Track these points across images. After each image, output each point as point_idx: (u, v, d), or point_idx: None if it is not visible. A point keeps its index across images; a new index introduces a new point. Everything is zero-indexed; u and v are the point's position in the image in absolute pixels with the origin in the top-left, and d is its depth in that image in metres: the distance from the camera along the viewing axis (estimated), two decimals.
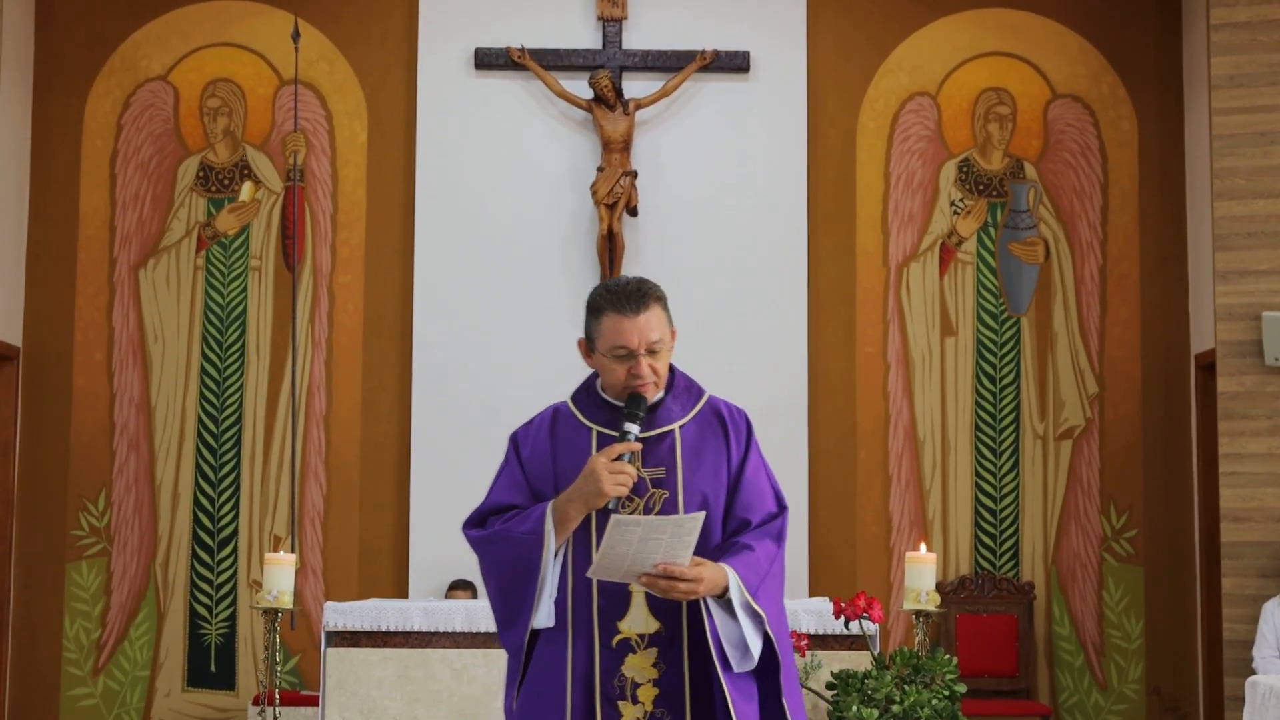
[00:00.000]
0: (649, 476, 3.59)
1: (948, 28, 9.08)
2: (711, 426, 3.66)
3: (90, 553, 8.77)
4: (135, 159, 8.95)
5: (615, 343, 3.56)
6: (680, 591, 3.44)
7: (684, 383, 3.71)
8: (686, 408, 3.67)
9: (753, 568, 3.53)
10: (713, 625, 3.50)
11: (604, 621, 3.54)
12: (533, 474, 3.65)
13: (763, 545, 3.58)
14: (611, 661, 3.53)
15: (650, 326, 3.56)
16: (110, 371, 8.84)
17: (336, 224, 8.92)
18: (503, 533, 3.58)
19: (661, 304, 3.60)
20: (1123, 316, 8.95)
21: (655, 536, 3.36)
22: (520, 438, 3.72)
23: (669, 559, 3.40)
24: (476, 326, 8.70)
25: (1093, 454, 8.89)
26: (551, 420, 3.70)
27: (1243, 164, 7.98)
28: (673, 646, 3.53)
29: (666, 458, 3.60)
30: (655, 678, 3.52)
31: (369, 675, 6.31)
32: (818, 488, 8.75)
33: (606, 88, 8.63)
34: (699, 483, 3.59)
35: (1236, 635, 7.78)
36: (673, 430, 3.63)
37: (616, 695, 3.51)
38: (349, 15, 9.00)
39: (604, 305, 3.59)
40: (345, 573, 8.73)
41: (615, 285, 3.61)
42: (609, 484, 3.47)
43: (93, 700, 8.71)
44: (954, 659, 5.89)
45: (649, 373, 3.57)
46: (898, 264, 8.98)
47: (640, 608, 3.55)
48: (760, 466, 3.68)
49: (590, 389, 3.71)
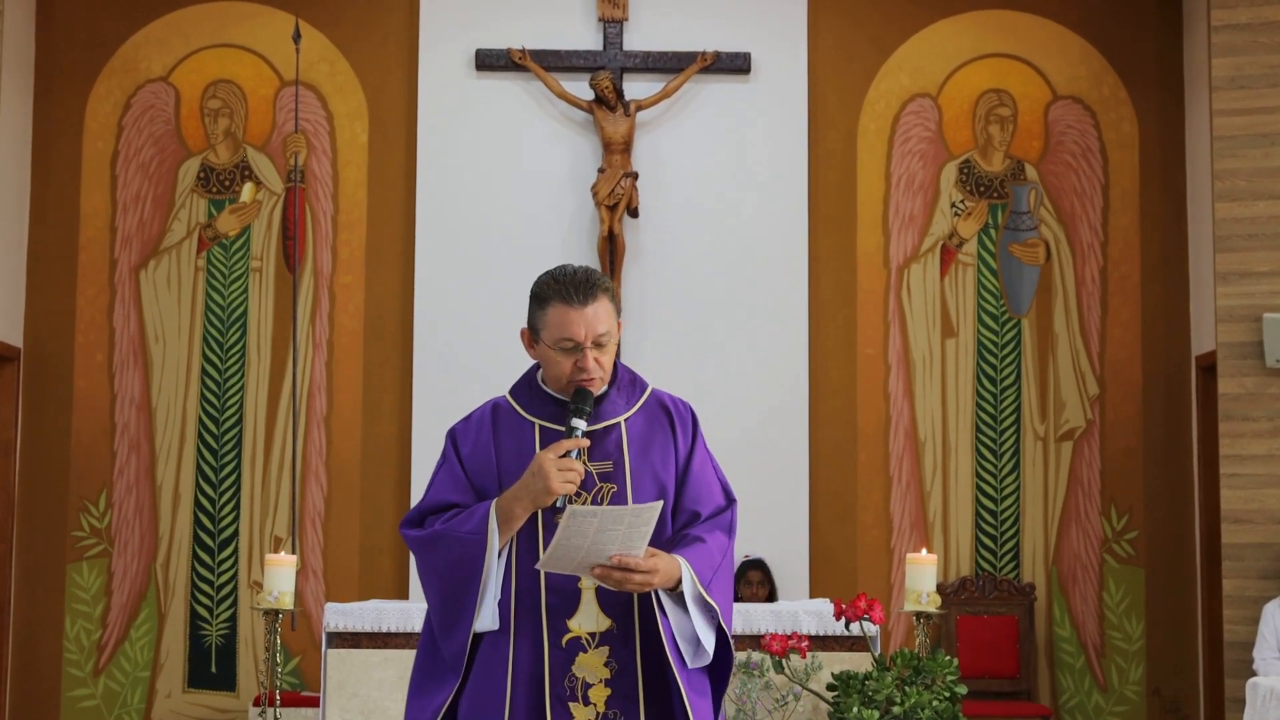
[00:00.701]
0: (596, 470, 3.47)
1: (948, 29, 9.08)
2: (658, 419, 3.55)
3: (91, 554, 8.77)
4: (136, 160, 8.95)
5: (562, 334, 3.43)
6: (635, 583, 3.32)
7: (627, 376, 3.59)
8: (631, 401, 3.55)
9: (705, 560, 3.44)
10: (665, 619, 3.40)
11: (552, 620, 3.41)
12: (474, 471, 3.51)
13: (714, 537, 3.48)
14: (561, 661, 3.40)
15: (598, 319, 3.43)
16: (111, 372, 8.84)
17: (337, 225, 8.92)
18: (444, 533, 3.43)
19: (609, 295, 3.47)
20: (1123, 318, 8.95)
21: (612, 528, 3.25)
22: (459, 434, 3.57)
23: (625, 550, 3.29)
24: (477, 327, 8.69)
25: (1093, 455, 8.89)
26: (492, 415, 3.56)
27: (1243, 165, 7.99)
28: (625, 644, 3.42)
29: (614, 451, 3.49)
30: (607, 677, 3.40)
31: (370, 676, 6.31)
32: (818, 489, 8.75)
33: (607, 89, 8.63)
34: (647, 475, 3.49)
35: (1237, 637, 7.78)
36: (618, 424, 3.52)
37: (567, 696, 3.39)
38: (350, 16, 9.00)
39: (550, 295, 3.45)
40: (346, 574, 8.73)
41: (562, 274, 3.47)
42: (557, 481, 3.34)
43: (93, 701, 8.71)
44: (955, 660, 5.89)
45: (595, 367, 3.44)
46: (898, 265, 8.98)
47: (590, 604, 3.43)
48: (707, 459, 3.59)
49: (531, 382, 3.59)
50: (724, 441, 6.71)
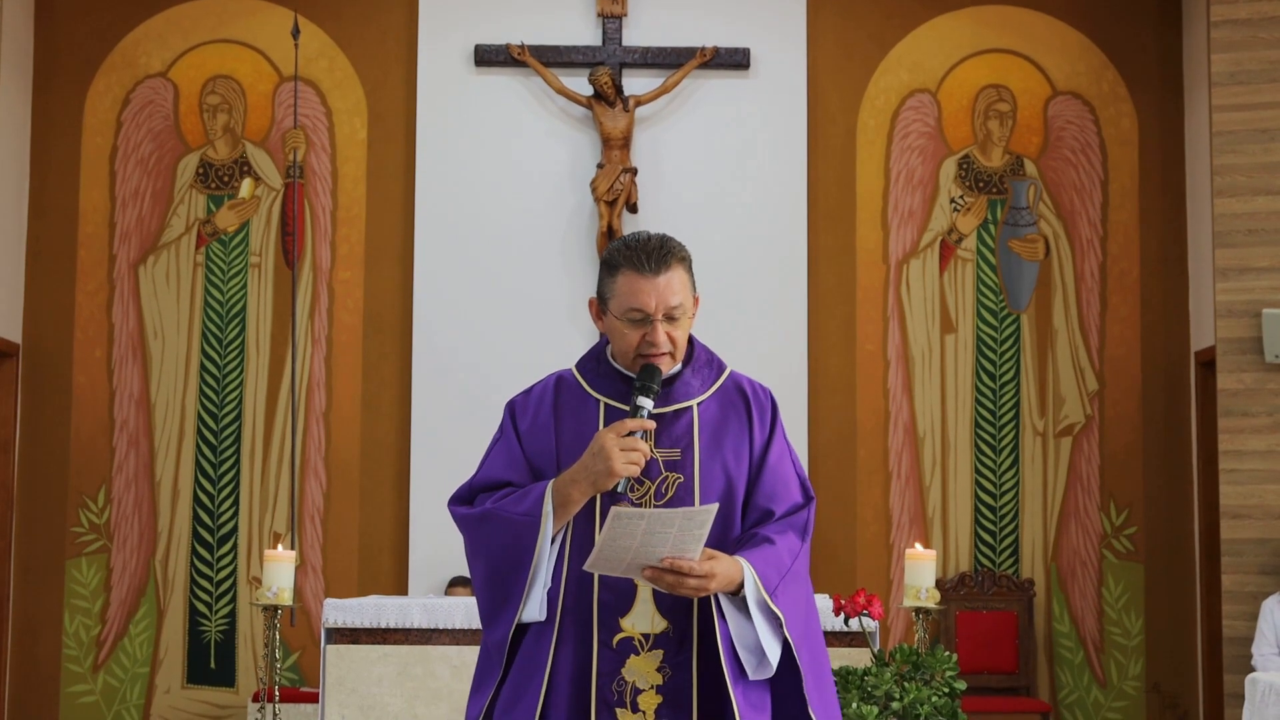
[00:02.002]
0: (662, 458, 3.20)
1: (948, 24, 9.07)
2: (734, 405, 3.28)
3: (90, 549, 8.77)
4: (135, 155, 8.95)
5: (630, 304, 3.18)
6: (689, 588, 3.05)
7: (704, 355, 3.34)
8: (707, 383, 3.29)
9: (773, 563, 3.16)
10: (724, 626, 3.13)
11: (605, 618, 3.15)
12: (531, 448, 3.25)
13: (785, 539, 3.20)
14: (611, 663, 3.14)
15: (671, 289, 3.19)
16: (110, 368, 8.84)
17: (336, 220, 8.92)
18: (495, 512, 3.18)
19: (685, 265, 3.24)
20: (1123, 314, 8.94)
21: (661, 530, 3.00)
22: (518, 407, 3.31)
23: (677, 553, 3.03)
24: (476, 323, 8.69)
25: (1092, 451, 8.89)
26: (554, 389, 3.30)
27: (1243, 161, 7.98)
28: (681, 649, 3.15)
29: (683, 438, 3.22)
30: (659, 684, 3.14)
31: (369, 672, 6.31)
32: (818, 484, 8.75)
33: (606, 84, 8.62)
34: (718, 467, 3.21)
35: (1236, 632, 7.79)
36: (690, 407, 3.25)
37: (615, 701, 3.13)
38: (349, 12, 9.00)
39: (621, 262, 3.20)
40: (345, 569, 8.73)
41: (636, 240, 3.22)
42: (619, 462, 3.07)
43: (92, 697, 8.71)
44: (954, 656, 5.89)
45: (665, 341, 3.20)
46: (897, 261, 8.97)
47: (646, 603, 3.17)
48: (786, 452, 3.31)
49: (599, 356, 3.32)
50: None
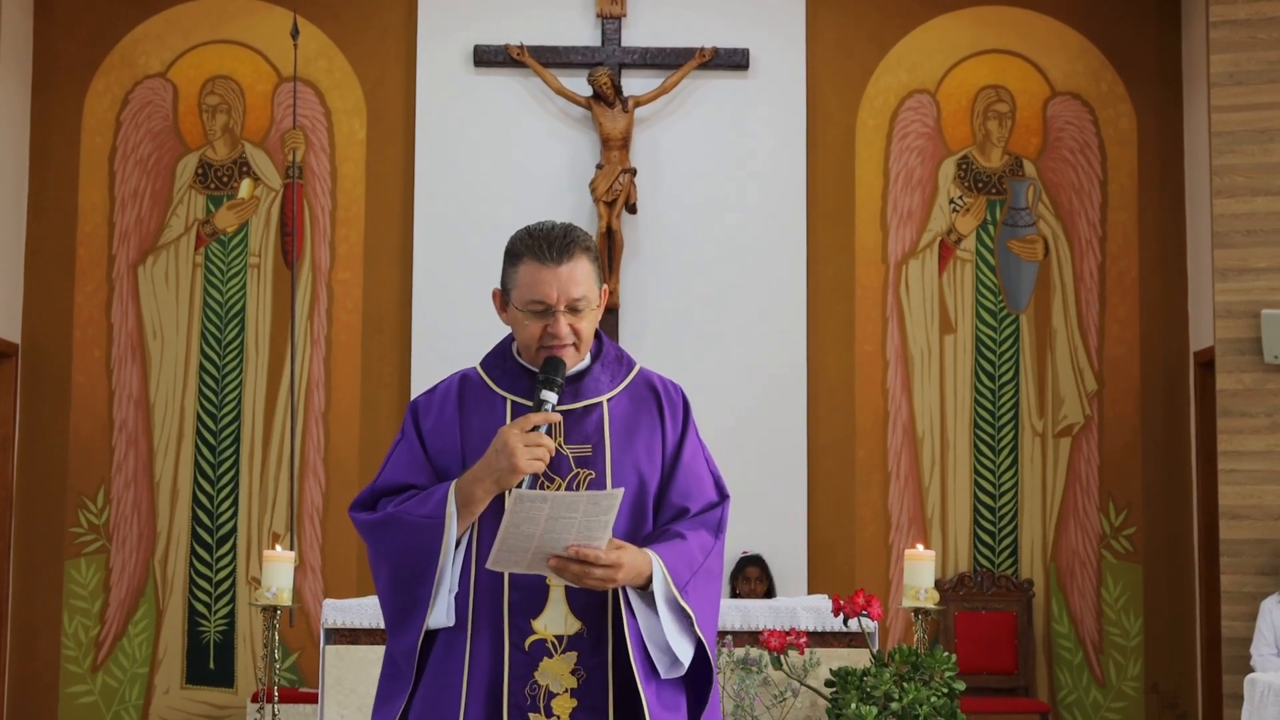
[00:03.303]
0: (573, 454, 3.12)
1: (947, 25, 9.07)
2: (644, 401, 3.22)
3: (89, 550, 8.77)
4: (134, 156, 8.95)
5: (531, 295, 3.10)
6: (595, 578, 2.96)
7: (614, 351, 3.28)
8: (617, 379, 3.22)
9: (683, 558, 3.08)
10: (633, 622, 3.05)
11: (515, 619, 3.05)
12: (435, 449, 3.16)
13: (697, 535, 3.13)
14: (523, 666, 3.04)
15: (573, 280, 3.09)
16: (109, 368, 8.84)
17: (335, 221, 8.92)
18: (397, 516, 3.08)
19: (590, 256, 3.14)
20: (1122, 314, 8.95)
21: (566, 515, 2.90)
22: (421, 407, 3.22)
23: (583, 541, 2.93)
24: (475, 323, 8.64)
25: (1092, 451, 8.89)
26: (459, 388, 3.22)
27: (1242, 161, 7.98)
28: (596, 651, 3.06)
29: (593, 434, 3.13)
30: (574, 686, 3.04)
31: (368, 673, 6.31)
32: (817, 485, 8.75)
33: (605, 85, 8.63)
34: (630, 463, 3.14)
35: (1235, 633, 7.79)
36: (601, 403, 3.18)
37: (528, 705, 3.03)
38: (348, 12, 9.00)
39: (523, 251, 3.13)
40: (344, 570, 8.73)
41: (539, 229, 3.15)
42: (524, 459, 2.98)
43: (91, 697, 8.71)
44: (953, 656, 5.89)
45: (568, 333, 3.10)
46: (897, 261, 8.98)
47: (559, 604, 3.07)
48: (699, 449, 3.24)
49: (504, 352, 3.24)
50: (722, 437, 6.72)
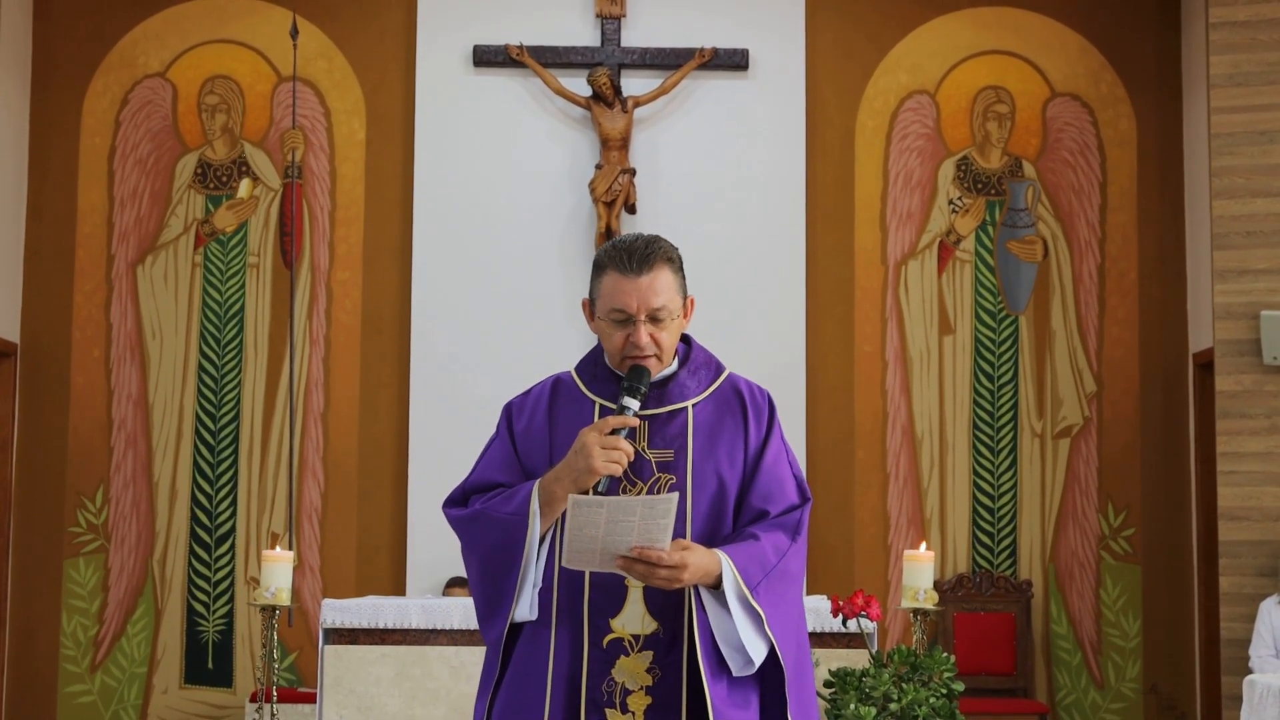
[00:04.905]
0: (655, 459, 3.21)
1: (947, 26, 9.07)
2: (730, 406, 3.29)
3: (88, 549, 8.76)
4: (133, 155, 8.94)
5: (613, 305, 3.20)
6: (660, 578, 3.04)
7: (702, 357, 3.35)
8: (703, 384, 3.30)
9: (755, 559, 3.15)
10: (704, 620, 3.13)
11: (595, 618, 3.16)
12: (525, 450, 3.27)
13: (771, 537, 3.19)
14: (600, 664, 3.15)
15: (653, 290, 3.19)
16: (108, 368, 8.84)
17: (335, 221, 8.92)
18: (485, 512, 3.20)
19: (673, 267, 3.25)
20: (1121, 315, 8.95)
21: (624, 519, 3.01)
22: (515, 409, 3.34)
23: (645, 542, 3.03)
24: (475, 323, 8.69)
25: (1091, 453, 8.89)
26: (551, 391, 3.32)
27: (1241, 163, 7.99)
28: (671, 651, 3.16)
29: (677, 439, 3.22)
30: (649, 684, 3.15)
31: (367, 673, 6.30)
32: (816, 486, 8.75)
33: (605, 85, 8.62)
34: (711, 467, 3.22)
35: (1234, 634, 7.79)
36: (685, 408, 3.26)
37: (604, 702, 3.14)
38: (347, 12, 9.00)
39: (606, 263, 3.22)
40: (343, 570, 8.72)
41: (623, 241, 3.24)
42: (600, 460, 3.08)
43: (90, 697, 8.70)
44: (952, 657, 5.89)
45: (649, 343, 3.20)
46: (896, 262, 8.97)
47: (637, 604, 3.17)
48: (782, 453, 3.30)
49: (597, 359, 3.33)
50: None
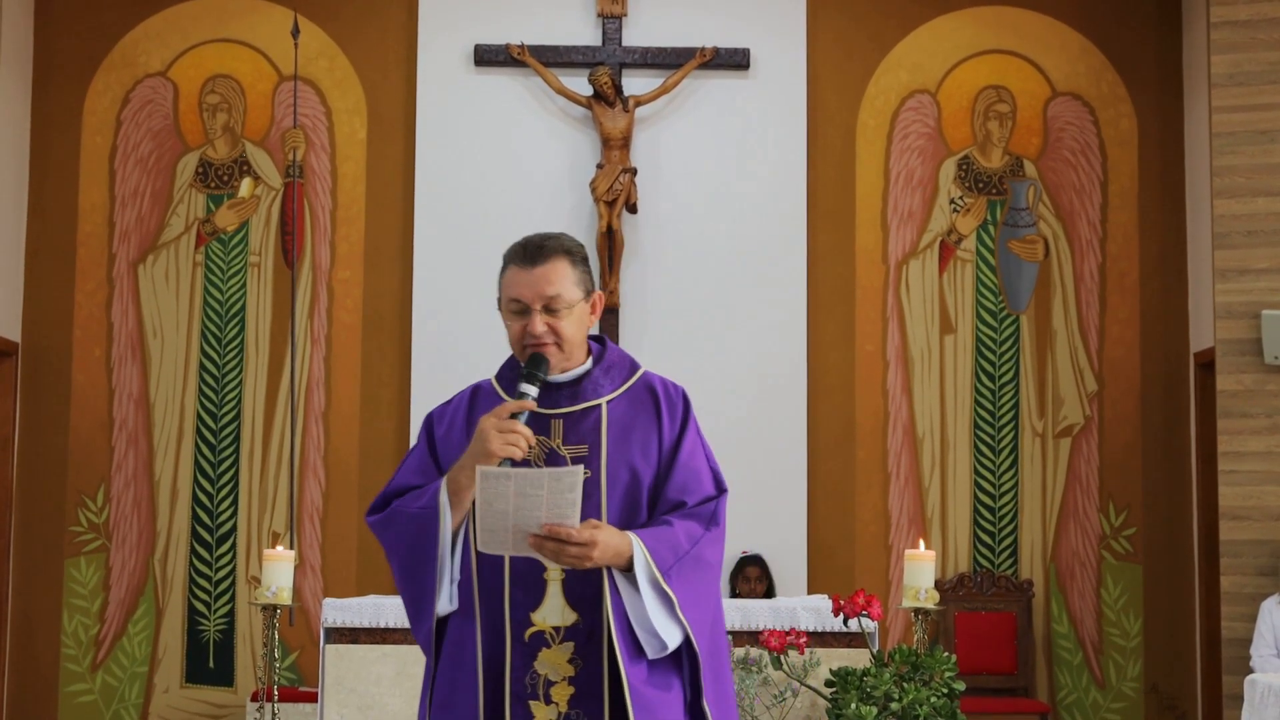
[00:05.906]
0: (570, 454, 3.28)
1: (948, 25, 9.07)
2: (643, 403, 3.36)
3: (89, 549, 8.77)
4: (134, 155, 8.94)
5: (509, 295, 3.31)
6: (570, 555, 3.08)
7: (616, 356, 3.43)
8: (617, 382, 3.37)
9: (667, 543, 3.20)
10: (618, 603, 3.18)
11: (515, 612, 3.22)
12: (445, 456, 3.35)
13: (685, 524, 3.25)
14: (523, 657, 3.21)
15: (547, 280, 3.27)
16: (109, 367, 8.84)
17: (336, 220, 8.92)
18: (398, 510, 3.28)
19: (571, 259, 3.31)
20: (1122, 315, 8.95)
21: (532, 492, 3.05)
22: (436, 418, 3.44)
23: (555, 519, 3.07)
24: (476, 322, 8.67)
25: (1092, 452, 8.89)
26: (470, 398, 3.44)
27: (1242, 162, 7.98)
28: (591, 641, 3.21)
29: (590, 434, 3.30)
30: (571, 675, 3.21)
31: (368, 672, 6.30)
32: (817, 485, 8.75)
33: (606, 85, 8.62)
34: (624, 461, 3.28)
35: (1235, 634, 7.79)
36: (599, 405, 3.34)
37: (528, 694, 3.20)
38: (349, 12, 9.00)
39: (508, 258, 3.34)
40: (344, 569, 8.73)
41: (525, 238, 3.35)
42: (497, 443, 3.13)
43: (91, 696, 8.71)
44: (953, 656, 5.89)
45: (545, 331, 3.28)
46: (897, 261, 8.97)
47: (556, 597, 3.23)
48: (699, 447, 3.37)
49: (514, 363, 3.43)
50: (722, 437, 6.71)
